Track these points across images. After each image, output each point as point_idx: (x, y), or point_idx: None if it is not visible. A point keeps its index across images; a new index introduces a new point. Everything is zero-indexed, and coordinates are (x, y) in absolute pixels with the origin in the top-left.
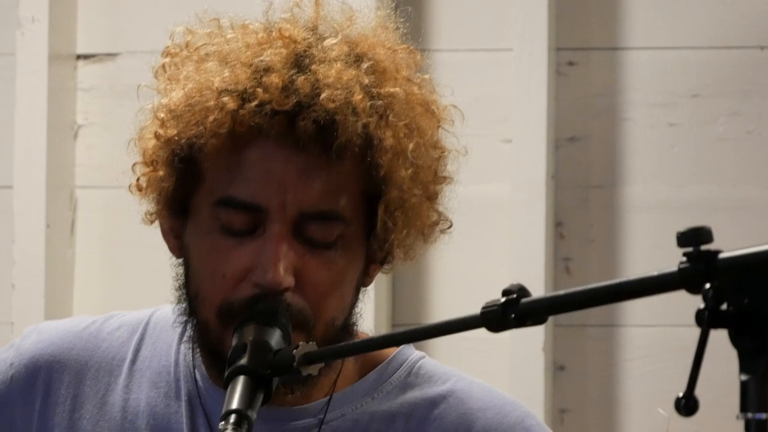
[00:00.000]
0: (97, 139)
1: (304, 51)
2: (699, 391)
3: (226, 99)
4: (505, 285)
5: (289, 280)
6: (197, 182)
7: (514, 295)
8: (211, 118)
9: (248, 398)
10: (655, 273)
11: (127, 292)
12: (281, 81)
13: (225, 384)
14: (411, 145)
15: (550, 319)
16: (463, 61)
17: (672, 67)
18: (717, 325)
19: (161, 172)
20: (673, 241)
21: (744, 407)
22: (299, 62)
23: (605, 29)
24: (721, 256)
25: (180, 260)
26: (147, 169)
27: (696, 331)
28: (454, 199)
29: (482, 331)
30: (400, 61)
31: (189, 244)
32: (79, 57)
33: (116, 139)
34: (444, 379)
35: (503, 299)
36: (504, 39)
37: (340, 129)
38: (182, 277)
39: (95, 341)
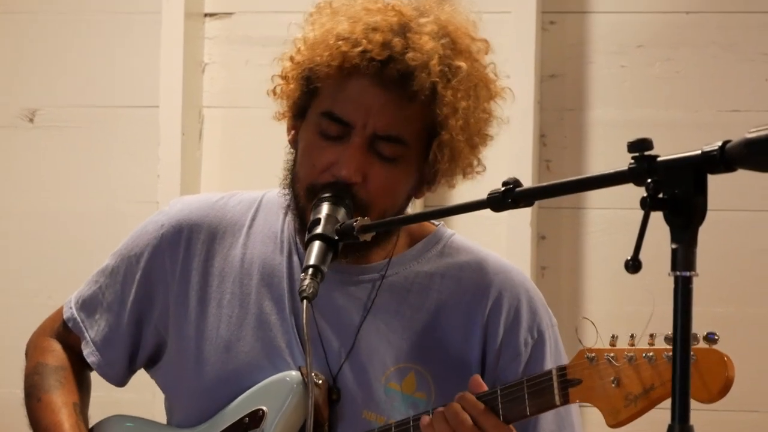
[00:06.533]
0: (217, 73)
1: (406, 22)
2: (642, 256)
3: (341, 43)
4: (504, 178)
5: (357, 177)
6: (313, 96)
7: (511, 186)
8: (328, 54)
9: (322, 256)
10: (611, 171)
11: (238, 180)
12: (382, 38)
13: (305, 246)
14: (464, 104)
15: (536, 202)
16: (479, 19)
17: (623, 25)
18: (655, 208)
19: (291, 85)
20: (625, 148)
21: (674, 267)
22: (400, 29)
23: None
24: (659, 159)
25: (292, 151)
26: (282, 82)
27: (640, 213)
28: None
29: (487, 211)
30: (474, 47)
31: (299, 139)
32: (206, 15)
33: (231, 73)
34: (469, 251)
35: (503, 188)
36: (505, 4)
37: (415, 81)
38: (291, 162)
39: (223, 211)
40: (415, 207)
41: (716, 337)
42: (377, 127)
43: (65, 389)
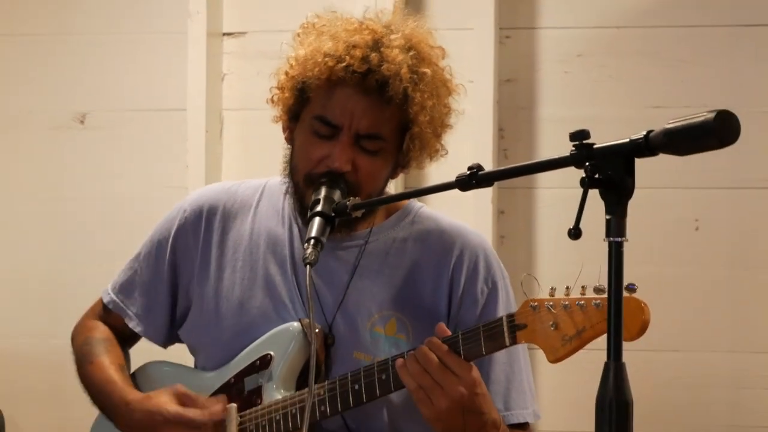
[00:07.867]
0: (234, 82)
1: (379, 38)
2: (582, 226)
3: (327, 59)
4: (470, 163)
5: (347, 167)
6: (306, 103)
7: (475, 170)
8: (317, 69)
9: (321, 230)
10: (557, 156)
11: (252, 169)
12: (361, 54)
13: (306, 222)
14: (430, 103)
15: (496, 183)
16: (444, 35)
17: (566, 39)
18: (592, 187)
19: (287, 94)
20: (568, 138)
21: (608, 234)
22: (374, 45)
23: (528, 16)
24: (595, 146)
25: (289, 147)
26: (278, 92)
27: (581, 191)
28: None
29: (456, 191)
30: (434, 54)
31: (295, 137)
32: (224, 34)
33: (245, 82)
34: (435, 219)
35: (469, 172)
36: (468, 21)
37: (390, 87)
38: (289, 156)
39: (235, 195)
40: (396, 185)
41: (635, 287)
42: (360, 127)
43: (111, 355)
